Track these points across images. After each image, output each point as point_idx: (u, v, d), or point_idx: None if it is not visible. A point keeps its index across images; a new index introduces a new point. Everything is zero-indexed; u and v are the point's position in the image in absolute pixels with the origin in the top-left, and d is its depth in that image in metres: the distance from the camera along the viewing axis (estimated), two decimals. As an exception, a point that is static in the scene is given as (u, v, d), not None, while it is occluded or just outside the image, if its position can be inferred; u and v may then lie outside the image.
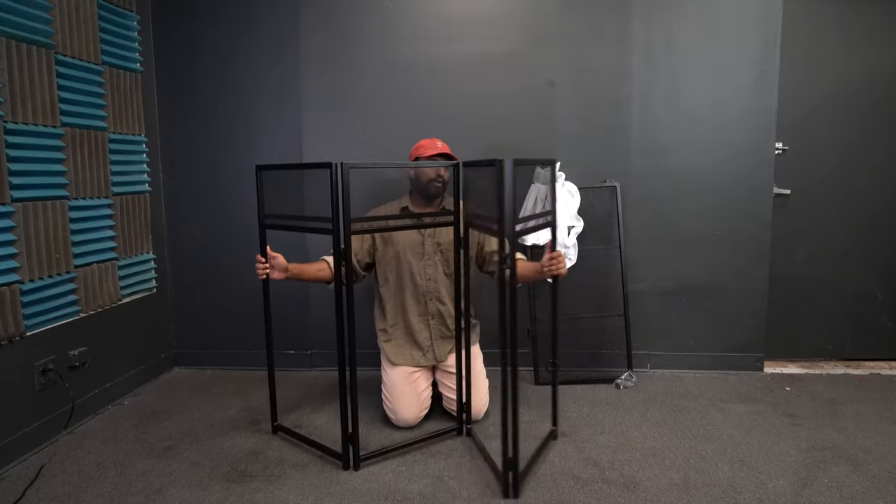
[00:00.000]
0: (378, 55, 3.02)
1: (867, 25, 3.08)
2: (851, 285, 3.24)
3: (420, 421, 2.51)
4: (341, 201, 1.99)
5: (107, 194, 2.74)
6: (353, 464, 2.16)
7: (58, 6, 2.43)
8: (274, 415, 2.49)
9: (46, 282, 2.39)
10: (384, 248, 2.54)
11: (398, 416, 2.46)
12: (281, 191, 2.23)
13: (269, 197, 2.29)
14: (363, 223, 2.23)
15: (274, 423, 2.48)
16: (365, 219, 2.28)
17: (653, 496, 1.97)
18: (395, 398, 2.47)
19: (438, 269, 2.52)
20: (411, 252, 2.51)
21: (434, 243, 2.52)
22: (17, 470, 2.19)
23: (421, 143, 2.55)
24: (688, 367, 3.14)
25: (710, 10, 2.94)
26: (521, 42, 2.99)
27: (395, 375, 2.51)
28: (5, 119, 2.21)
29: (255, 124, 3.11)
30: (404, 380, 2.50)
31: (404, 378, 2.50)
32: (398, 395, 2.47)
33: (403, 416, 2.46)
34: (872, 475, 2.10)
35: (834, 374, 3.10)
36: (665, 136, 3.01)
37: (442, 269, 2.53)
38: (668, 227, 3.07)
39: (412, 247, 2.51)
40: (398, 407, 2.46)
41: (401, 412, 2.46)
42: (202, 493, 2.02)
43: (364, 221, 2.23)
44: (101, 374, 2.71)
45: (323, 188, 2.00)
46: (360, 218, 2.10)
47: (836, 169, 3.17)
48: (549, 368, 2.95)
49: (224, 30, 3.06)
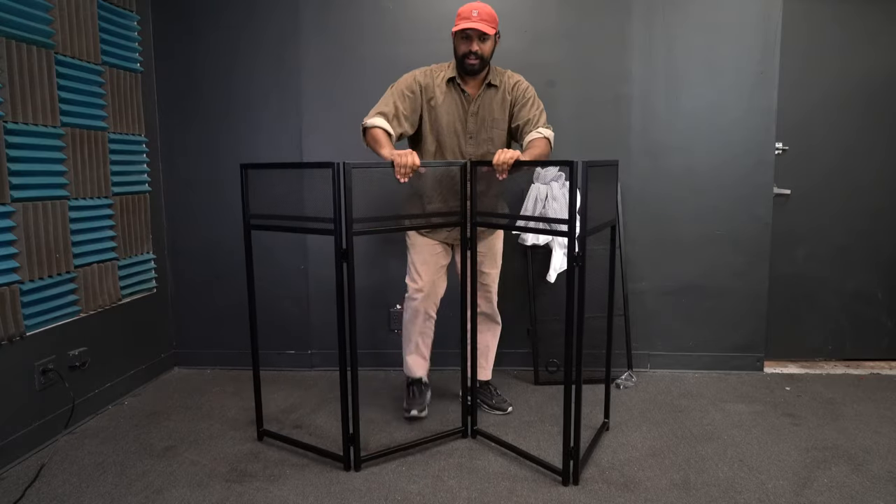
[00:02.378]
0: (378, 55, 3.02)
1: (867, 25, 3.08)
2: (851, 285, 3.24)
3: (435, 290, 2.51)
4: (343, 202, 1.98)
5: (107, 194, 2.74)
6: (354, 464, 2.15)
7: (58, 6, 2.43)
8: (259, 420, 2.42)
9: (46, 282, 2.39)
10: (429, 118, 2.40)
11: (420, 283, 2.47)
12: (275, 191, 2.20)
13: (262, 197, 2.23)
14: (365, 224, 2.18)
15: (259, 429, 2.42)
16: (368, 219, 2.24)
17: (653, 496, 1.97)
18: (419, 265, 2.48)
19: (482, 148, 2.40)
20: (452, 128, 2.39)
21: (479, 120, 2.39)
22: (17, 470, 2.19)
23: (460, 10, 2.31)
24: (688, 367, 3.14)
25: (710, 10, 2.94)
26: (521, 42, 2.99)
27: (421, 244, 2.49)
28: (5, 119, 2.21)
29: (255, 124, 3.11)
30: (429, 249, 2.48)
31: (429, 248, 2.48)
32: (420, 263, 2.48)
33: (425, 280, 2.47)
34: (872, 475, 2.10)
35: (834, 374, 3.10)
36: (665, 136, 3.01)
37: (487, 148, 2.40)
38: (668, 227, 3.07)
39: (454, 121, 2.38)
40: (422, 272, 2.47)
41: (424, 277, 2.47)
42: (202, 493, 2.02)
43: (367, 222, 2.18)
44: (101, 374, 2.71)
45: (324, 188, 1.98)
46: (364, 218, 2.08)
47: (836, 169, 3.17)
48: (550, 369, 2.94)
49: (224, 29, 3.06)
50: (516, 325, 3.06)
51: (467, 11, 2.26)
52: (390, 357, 3.12)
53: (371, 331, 3.18)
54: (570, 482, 2.04)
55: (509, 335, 2.90)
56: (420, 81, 2.37)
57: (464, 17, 2.26)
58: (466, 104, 2.37)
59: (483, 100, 2.38)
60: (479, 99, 2.37)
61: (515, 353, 3.10)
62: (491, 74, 2.38)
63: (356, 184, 2.00)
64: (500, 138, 2.42)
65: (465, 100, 2.37)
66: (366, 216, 2.07)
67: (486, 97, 2.38)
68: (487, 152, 2.38)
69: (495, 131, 2.40)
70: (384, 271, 3.12)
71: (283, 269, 3.15)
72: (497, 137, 2.41)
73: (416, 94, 2.36)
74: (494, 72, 2.40)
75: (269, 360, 3.19)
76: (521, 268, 3.07)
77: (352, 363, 2.10)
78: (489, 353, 2.68)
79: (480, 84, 2.38)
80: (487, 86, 2.38)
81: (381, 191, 2.17)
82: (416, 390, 2.61)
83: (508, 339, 2.89)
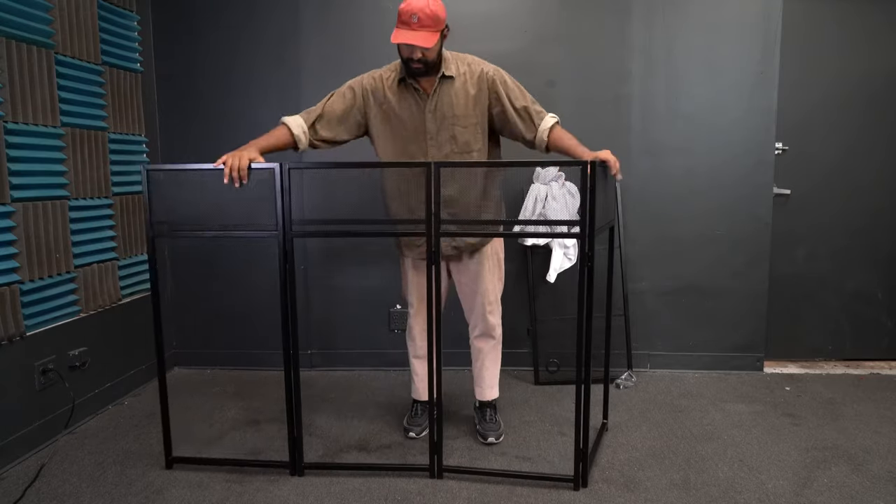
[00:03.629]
0: (378, 55, 2.99)
1: (867, 25, 3.08)
2: (851, 285, 3.24)
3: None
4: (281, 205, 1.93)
5: (107, 194, 2.74)
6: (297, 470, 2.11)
7: (58, 6, 2.43)
8: (168, 448, 2.18)
9: (46, 282, 2.39)
10: (381, 123, 2.20)
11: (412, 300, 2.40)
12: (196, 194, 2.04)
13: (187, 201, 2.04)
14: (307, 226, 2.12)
15: (168, 457, 2.17)
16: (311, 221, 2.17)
17: (653, 496, 1.97)
18: (408, 286, 2.40)
19: (445, 149, 2.17)
20: (412, 130, 2.18)
21: (437, 118, 2.16)
22: (17, 470, 2.19)
23: (400, 7, 2.01)
24: (688, 367, 3.14)
25: (710, 10, 2.94)
26: (521, 42, 2.99)
27: (406, 265, 2.40)
28: (5, 119, 2.21)
29: (255, 124, 3.08)
30: (412, 269, 2.37)
31: (412, 267, 2.36)
32: (408, 283, 2.40)
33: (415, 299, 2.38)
34: (872, 475, 2.10)
35: (834, 374, 3.10)
36: (665, 136, 3.01)
37: (450, 149, 2.17)
38: (668, 227, 3.07)
39: (412, 123, 2.17)
40: (412, 293, 2.38)
41: (413, 296, 2.38)
42: (202, 493, 2.02)
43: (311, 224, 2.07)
44: (101, 374, 2.71)
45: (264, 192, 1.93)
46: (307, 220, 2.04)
47: (836, 169, 3.17)
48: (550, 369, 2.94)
49: (224, 29, 3.06)
50: (516, 325, 3.06)
51: (406, 15, 1.99)
52: (391, 357, 3.12)
53: (371, 331, 3.18)
54: (580, 486, 2.02)
55: (509, 335, 2.89)
56: (366, 86, 2.21)
57: (403, 23, 2.00)
58: (422, 102, 2.15)
59: (440, 95, 2.14)
60: (435, 95, 2.14)
61: (515, 353, 3.10)
62: (444, 65, 2.13)
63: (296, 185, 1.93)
64: (462, 137, 2.16)
65: (419, 98, 2.16)
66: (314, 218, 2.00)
67: (444, 91, 2.15)
68: (451, 152, 2.18)
69: (457, 128, 2.15)
70: (384, 271, 3.12)
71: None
72: (459, 136, 2.16)
73: (357, 96, 2.20)
74: (448, 61, 2.15)
75: (269, 361, 3.19)
76: (521, 268, 3.07)
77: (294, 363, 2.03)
78: (484, 373, 2.44)
79: (434, 78, 2.14)
80: (442, 78, 2.14)
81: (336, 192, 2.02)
82: (418, 409, 2.52)
83: (508, 340, 2.88)
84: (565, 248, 2.86)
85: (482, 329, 2.40)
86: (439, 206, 1.92)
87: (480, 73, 2.17)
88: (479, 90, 2.16)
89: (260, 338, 3.20)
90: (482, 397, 2.47)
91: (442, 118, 2.16)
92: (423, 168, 1.92)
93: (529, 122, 2.18)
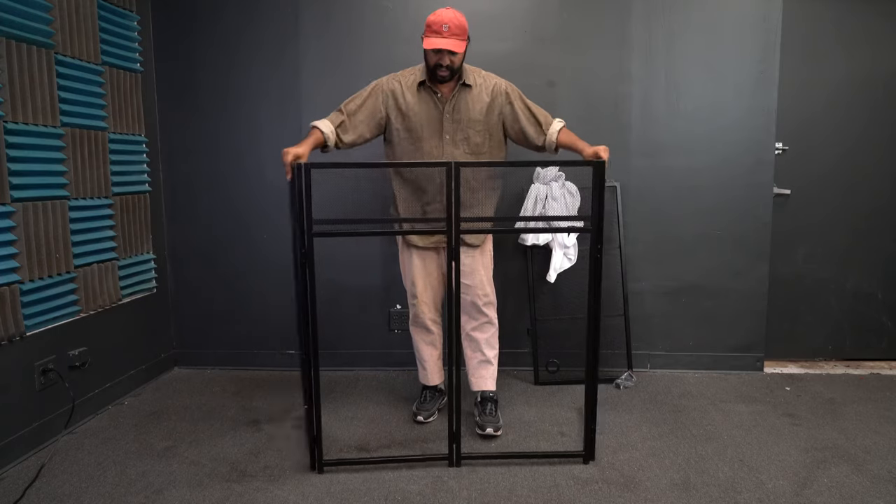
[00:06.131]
0: (378, 55, 3.02)
1: (867, 25, 3.08)
2: (851, 285, 3.24)
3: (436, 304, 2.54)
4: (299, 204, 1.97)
5: (107, 194, 2.74)
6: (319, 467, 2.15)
7: (58, 6, 2.43)
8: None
9: (46, 282, 2.39)
10: (400, 123, 2.37)
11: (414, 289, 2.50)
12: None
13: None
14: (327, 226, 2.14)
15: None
16: (330, 221, 2.20)
17: (653, 496, 1.98)
18: (411, 275, 2.49)
19: (459, 149, 2.37)
20: (428, 130, 2.36)
21: (454, 120, 2.35)
22: (17, 470, 2.19)
23: (429, 19, 2.24)
24: (688, 367, 3.14)
25: (710, 10, 2.94)
26: (521, 42, 2.99)
27: (410, 256, 2.49)
28: (5, 119, 2.20)
29: (255, 124, 3.11)
30: (418, 258, 2.47)
31: (417, 256, 2.47)
32: (412, 272, 2.49)
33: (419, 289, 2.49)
34: (872, 475, 2.10)
35: (834, 374, 3.10)
36: (665, 136, 3.01)
37: (463, 149, 2.37)
38: (668, 227, 3.07)
39: (430, 123, 2.35)
40: (416, 281, 2.48)
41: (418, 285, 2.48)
42: (202, 493, 2.02)
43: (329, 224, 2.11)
44: (101, 374, 2.71)
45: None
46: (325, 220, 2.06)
47: (836, 169, 3.17)
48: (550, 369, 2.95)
49: (224, 29, 3.06)
50: (516, 325, 3.06)
51: (437, 25, 2.21)
52: (391, 357, 3.12)
53: (371, 331, 3.18)
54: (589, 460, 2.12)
55: (509, 335, 2.90)
56: (385, 88, 2.37)
57: (434, 32, 2.22)
58: (441, 105, 2.34)
59: (458, 100, 2.35)
60: (453, 99, 2.34)
61: (515, 353, 3.10)
62: (464, 74, 2.35)
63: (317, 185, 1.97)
64: (474, 139, 2.37)
65: (438, 101, 2.34)
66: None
67: (461, 97, 2.35)
68: (464, 153, 2.37)
69: (471, 131, 2.36)
70: (384, 271, 3.12)
71: (283, 269, 3.15)
72: (472, 138, 2.37)
73: (378, 100, 2.36)
74: (467, 72, 2.36)
75: (269, 361, 3.20)
76: (521, 268, 3.07)
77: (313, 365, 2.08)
78: (482, 365, 2.52)
79: (454, 85, 2.35)
80: (462, 86, 2.35)
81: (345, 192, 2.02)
82: (427, 395, 2.62)
83: (508, 339, 2.89)
84: (565, 248, 2.87)
85: (479, 318, 2.50)
86: (459, 203, 2.05)
87: (494, 85, 2.40)
88: (492, 99, 2.37)
89: (260, 338, 3.21)
90: (483, 387, 2.53)
91: (458, 121, 2.36)
92: (443, 167, 2.05)
93: (539, 128, 2.39)
